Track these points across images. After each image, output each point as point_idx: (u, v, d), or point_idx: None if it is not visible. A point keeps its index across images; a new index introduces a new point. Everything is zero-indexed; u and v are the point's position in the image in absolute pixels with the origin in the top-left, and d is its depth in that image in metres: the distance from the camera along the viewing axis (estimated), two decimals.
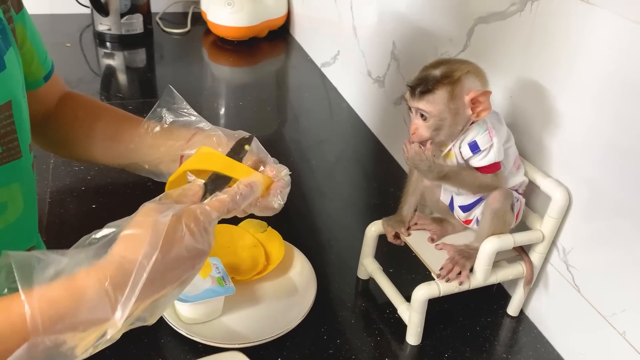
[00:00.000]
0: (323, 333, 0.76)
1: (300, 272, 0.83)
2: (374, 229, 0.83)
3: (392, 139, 1.21)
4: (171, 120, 0.61)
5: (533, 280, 0.77)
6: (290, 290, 0.80)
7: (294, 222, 0.96)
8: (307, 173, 1.13)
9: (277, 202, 0.57)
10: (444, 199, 0.78)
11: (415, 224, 0.81)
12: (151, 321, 0.44)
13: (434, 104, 0.66)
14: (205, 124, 0.61)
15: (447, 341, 0.77)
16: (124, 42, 1.65)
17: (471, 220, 0.76)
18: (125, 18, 1.62)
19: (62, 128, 0.68)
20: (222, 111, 1.38)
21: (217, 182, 0.52)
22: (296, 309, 0.76)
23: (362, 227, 0.84)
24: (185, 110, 0.62)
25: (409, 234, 0.80)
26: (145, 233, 0.42)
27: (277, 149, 1.21)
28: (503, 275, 0.75)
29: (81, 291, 0.39)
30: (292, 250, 0.85)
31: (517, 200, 0.73)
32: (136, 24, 1.64)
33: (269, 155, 0.59)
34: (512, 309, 0.82)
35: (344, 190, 1.10)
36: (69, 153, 0.72)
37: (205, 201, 0.48)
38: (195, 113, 0.62)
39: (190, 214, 0.45)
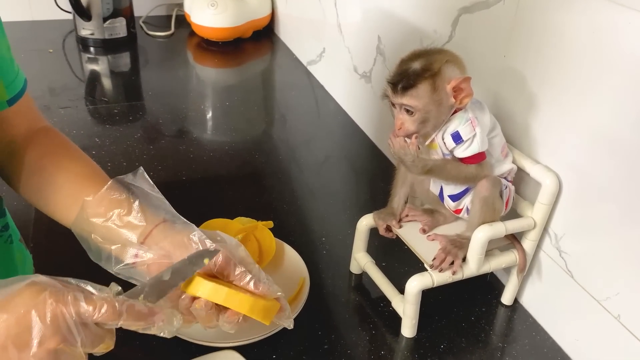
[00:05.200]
0: (317, 329, 0.75)
1: (292, 268, 0.82)
2: (365, 222, 0.82)
3: (380, 133, 1.20)
4: (135, 202, 0.54)
5: (526, 268, 0.77)
6: (282, 287, 0.79)
7: (284, 221, 0.95)
8: (296, 172, 1.13)
9: (291, 323, 0.56)
10: (434, 189, 0.77)
11: (406, 215, 0.80)
12: None
13: (417, 98, 0.66)
14: (171, 214, 0.55)
15: (442, 332, 0.76)
16: (108, 46, 1.64)
17: (461, 209, 0.75)
18: (108, 22, 1.60)
19: (21, 169, 0.60)
20: (209, 113, 1.37)
21: (155, 290, 0.48)
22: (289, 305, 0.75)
23: (353, 222, 0.83)
24: (154, 197, 0.56)
25: (400, 226, 0.79)
26: None
27: (266, 148, 1.21)
28: (496, 263, 0.75)
29: None
30: (283, 246, 0.85)
31: (506, 187, 0.73)
32: (119, 27, 1.63)
33: (257, 266, 0.55)
34: (507, 298, 0.82)
35: (333, 187, 1.10)
36: (27, 198, 0.62)
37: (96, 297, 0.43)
38: (166, 202, 0.56)
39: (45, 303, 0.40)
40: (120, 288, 0.46)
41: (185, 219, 0.56)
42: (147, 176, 0.56)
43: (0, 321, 0.40)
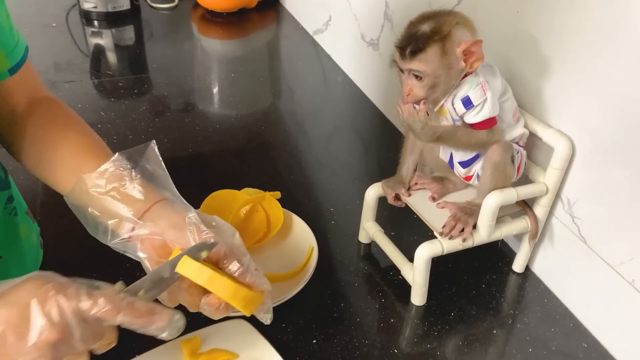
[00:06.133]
0: (326, 297, 0.75)
1: (300, 237, 0.81)
2: (374, 191, 0.81)
3: (389, 103, 1.18)
4: (134, 176, 0.54)
5: (538, 235, 0.76)
6: (291, 257, 0.79)
7: (291, 192, 0.94)
8: (303, 144, 1.11)
9: (269, 316, 0.54)
10: (443, 156, 0.76)
11: (415, 184, 0.79)
12: None
13: (427, 62, 0.64)
14: (172, 193, 0.54)
15: (452, 300, 0.76)
16: (111, 19, 1.61)
17: (471, 176, 0.74)
18: None
19: (23, 138, 0.60)
20: (215, 85, 1.35)
21: (156, 284, 0.47)
22: (298, 275, 0.75)
23: (362, 192, 0.82)
24: (161, 172, 0.55)
25: (409, 195, 0.78)
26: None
27: (272, 120, 1.19)
28: (507, 230, 0.74)
29: None
30: (291, 216, 0.84)
31: (518, 152, 0.71)
32: (122, 0, 1.61)
33: (249, 257, 0.53)
34: (518, 266, 0.81)
35: (341, 158, 1.08)
36: (28, 167, 0.62)
37: (101, 292, 0.43)
38: (170, 182, 0.55)
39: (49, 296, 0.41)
40: (125, 286, 0.46)
41: (185, 201, 0.55)
42: (158, 151, 0.55)
43: (1, 311, 0.40)
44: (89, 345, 0.43)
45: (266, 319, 0.55)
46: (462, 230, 0.70)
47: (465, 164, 0.73)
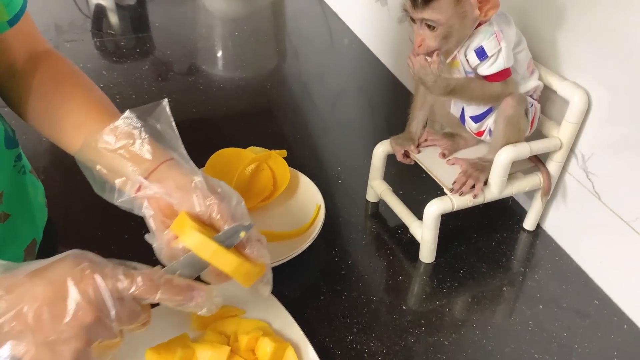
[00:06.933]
0: (334, 256, 0.74)
1: (307, 196, 0.80)
2: (382, 149, 0.79)
3: (398, 60, 1.15)
4: (143, 134, 0.52)
5: (551, 191, 0.74)
6: (297, 215, 0.78)
7: (298, 153, 0.92)
8: (309, 104, 1.09)
9: (268, 289, 0.53)
10: (455, 111, 0.73)
11: (425, 140, 0.77)
12: None
13: (440, 11, 0.61)
14: (181, 155, 0.53)
15: (461, 258, 0.75)
16: None
17: (483, 131, 0.72)
18: None
19: (27, 92, 0.58)
20: (218, 45, 1.32)
21: (192, 267, 0.47)
22: (304, 233, 0.74)
23: (369, 152, 0.80)
24: (171, 132, 0.53)
25: (418, 151, 0.76)
26: (34, 297, 0.39)
27: (278, 81, 1.17)
28: (519, 187, 0.72)
29: None
30: (297, 175, 0.82)
31: (532, 105, 0.69)
32: None
33: (253, 227, 0.51)
34: (529, 223, 0.79)
35: (348, 118, 1.06)
36: (32, 123, 0.60)
37: (140, 272, 0.42)
38: (179, 143, 0.53)
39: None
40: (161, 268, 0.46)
41: (193, 163, 0.53)
42: (169, 110, 0.54)
43: (37, 287, 0.39)
44: (125, 325, 0.43)
45: (265, 291, 0.54)
46: (473, 186, 0.69)
47: (477, 119, 0.71)
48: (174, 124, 0.54)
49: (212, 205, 0.49)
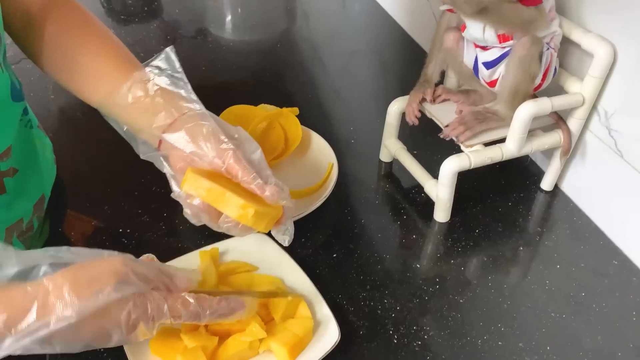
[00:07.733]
0: (347, 214, 0.73)
1: (319, 154, 0.78)
2: (397, 106, 0.77)
3: (412, 18, 1.11)
4: (157, 88, 0.52)
5: (571, 150, 0.72)
6: (309, 174, 0.76)
7: (310, 112, 0.90)
8: (321, 64, 1.06)
9: (287, 239, 0.53)
10: (468, 60, 0.70)
11: (439, 95, 0.74)
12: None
13: None
14: (196, 105, 0.53)
15: (477, 217, 0.73)
16: None
17: (496, 80, 0.69)
18: None
19: (43, 41, 0.57)
20: (227, 7, 1.29)
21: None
22: (317, 191, 0.73)
23: (383, 112, 0.78)
24: (181, 82, 0.54)
25: (433, 101, 0.74)
26: (87, 288, 0.40)
27: (288, 41, 1.14)
28: (538, 144, 0.70)
29: None
30: (310, 133, 0.80)
31: (547, 49, 0.65)
32: None
33: (270, 172, 0.53)
34: (547, 184, 0.77)
35: (361, 78, 1.03)
36: (50, 74, 0.60)
37: (173, 299, 0.45)
38: (189, 88, 0.54)
39: (143, 304, 0.43)
40: (200, 277, 0.50)
41: (203, 106, 0.53)
42: (175, 57, 0.54)
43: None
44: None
45: (284, 240, 0.54)
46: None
47: (489, 65, 0.68)
48: (181, 71, 0.54)
49: (227, 151, 0.48)
